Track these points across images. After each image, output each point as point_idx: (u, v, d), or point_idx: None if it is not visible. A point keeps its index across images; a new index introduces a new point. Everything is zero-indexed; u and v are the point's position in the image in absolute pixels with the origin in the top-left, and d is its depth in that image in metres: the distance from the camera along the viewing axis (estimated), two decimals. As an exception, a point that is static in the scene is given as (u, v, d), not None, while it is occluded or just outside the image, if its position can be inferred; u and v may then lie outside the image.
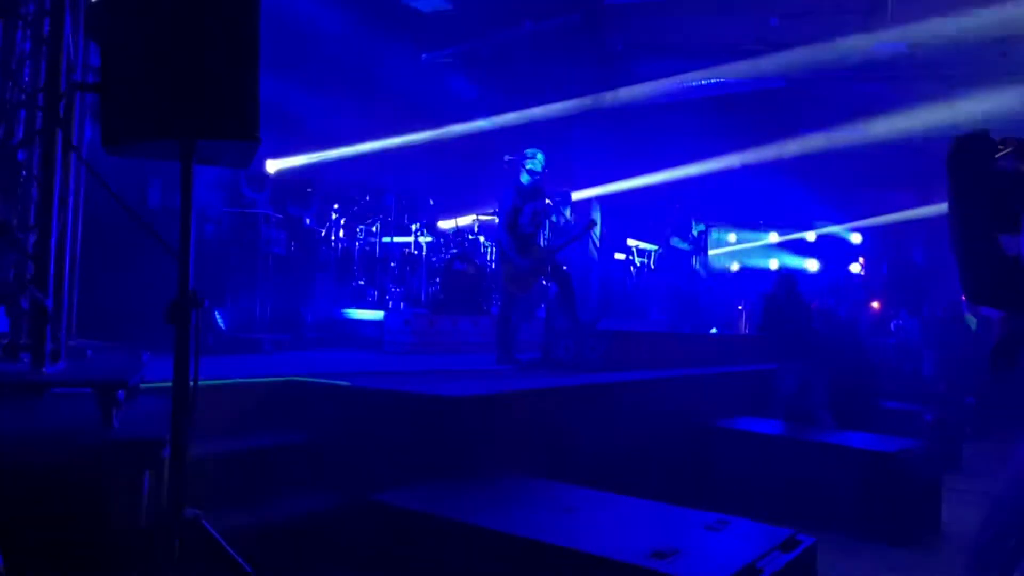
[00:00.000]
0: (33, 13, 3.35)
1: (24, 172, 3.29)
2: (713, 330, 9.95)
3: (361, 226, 9.07)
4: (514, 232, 6.00)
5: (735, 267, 15.83)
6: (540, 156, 6.15)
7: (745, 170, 12.70)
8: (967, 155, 1.46)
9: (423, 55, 10.82)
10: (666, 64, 10.79)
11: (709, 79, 10.86)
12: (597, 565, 2.37)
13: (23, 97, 3.36)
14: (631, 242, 12.97)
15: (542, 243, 6.27)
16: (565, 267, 6.36)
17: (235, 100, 2.14)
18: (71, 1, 3.04)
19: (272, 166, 9.24)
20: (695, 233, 9.93)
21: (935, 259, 13.69)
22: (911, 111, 10.23)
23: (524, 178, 6.14)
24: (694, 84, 11.09)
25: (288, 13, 7.46)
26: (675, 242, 9.74)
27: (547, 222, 6.19)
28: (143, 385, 3.13)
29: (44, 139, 2.91)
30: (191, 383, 2.15)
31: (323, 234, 8.71)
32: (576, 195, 10.83)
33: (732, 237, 15.71)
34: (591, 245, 10.81)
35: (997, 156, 1.47)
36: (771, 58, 9.96)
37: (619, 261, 12.42)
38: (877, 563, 4.26)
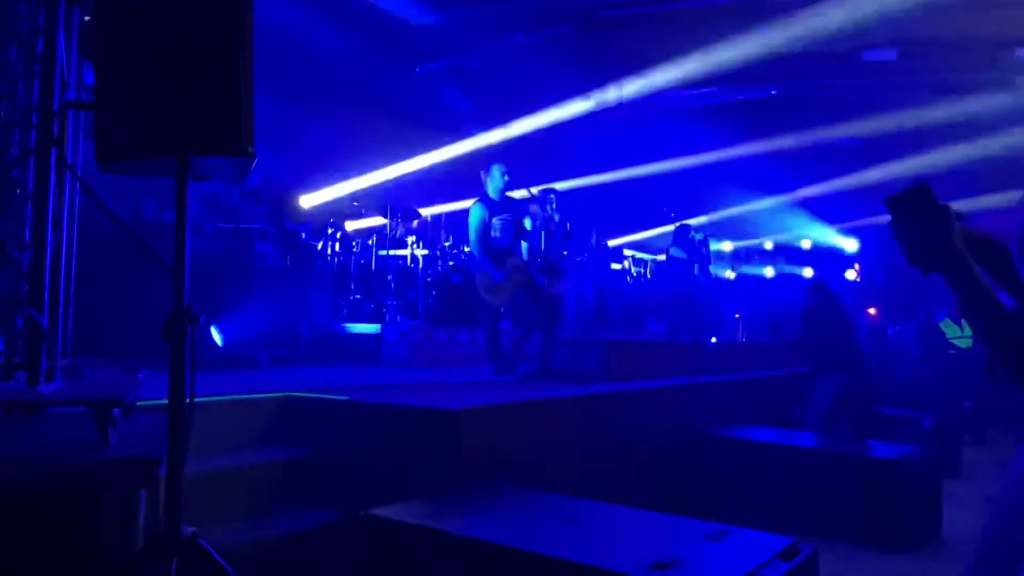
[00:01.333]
0: (26, 32, 3.36)
1: (18, 190, 3.29)
2: (713, 339, 9.95)
3: (357, 239, 9.07)
4: (487, 245, 6.08)
5: (731, 275, 15.85)
6: (501, 169, 6.26)
7: (739, 177, 12.76)
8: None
9: (416, 68, 10.87)
10: (658, 74, 10.85)
11: (701, 88, 10.92)
12: (597, 577, 2.36)
13: (17, 116, 3.36)
14: (628, 251, 13.00)
15: (523, 255, 6.36)
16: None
17: (229, 116, 2.15)
18: (64, 20, 3.05)
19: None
20: (695, 242, 9.95)
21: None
22: (905, 112, 10.31)
23: (491, 191, 6.21)
24: (687, 94, 11.17)
25: (279, 27, 7.48)
26: (674, 251, 9.76)
27: (528, 231, 6.29)
28: (139, 403, 3.11)
29: (38, 157, 2.91)
30: (187, 400, 2.15)
31: (319, 248, 8.71)
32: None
33: (728, 246, 15.75)
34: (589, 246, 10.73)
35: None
36: (763, 66, 10.02)
37: (616, 271, 12.44)
38: (878, 570, 4.25)
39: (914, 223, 1.37)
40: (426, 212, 10.01)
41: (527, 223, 7.51)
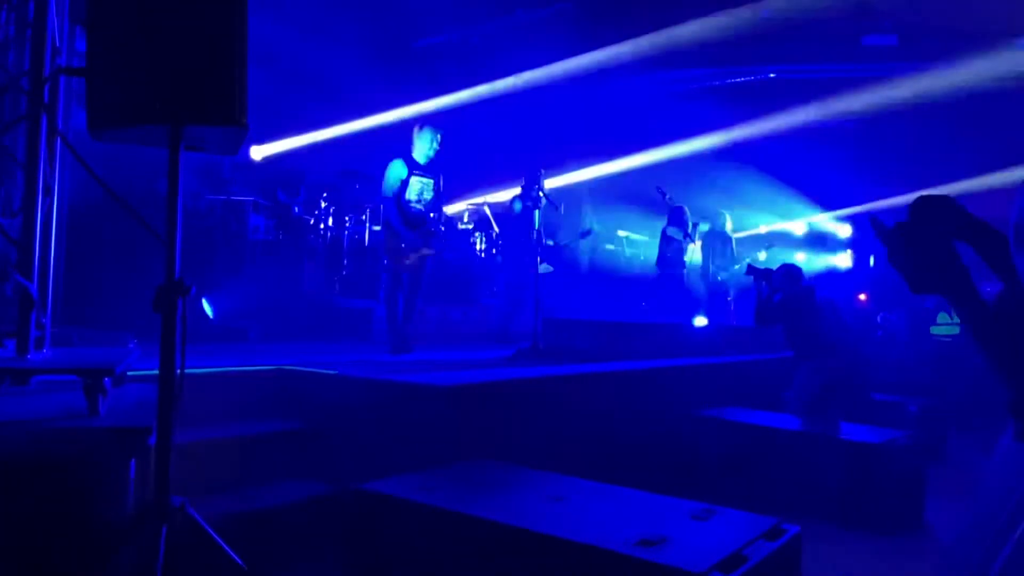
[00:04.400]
0: (17, -4, 3.30)
1: (8, 157, 3.26)
2: (704, 320, 9.98)
3: (350, 215, 9.04)
4: (399, 204, 5.78)
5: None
6: (436, 135, 5.94)
7: (736, 160, 12.73)
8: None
9: (413, 43, 10.76)
10: (659, 54, 10.79)
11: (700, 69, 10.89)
12: (584, 553, 2.38)
13: (7, 81, 3.32)
14: (622, 232, 13.00)
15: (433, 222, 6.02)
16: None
17: (223, 86, 2.12)
18: (56, -16, 3.00)
19: (257, 152, 9.14)
20: (690, 224, 9.93)
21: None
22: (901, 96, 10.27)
23: (417, 154, 5.90)
24: (684, 75, 11.13)
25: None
26: (670, 231, 9.74)
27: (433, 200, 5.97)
28: (130, 373, 3.11)
29: (29, 124, 2.87)
30: (178, 371, 2.15)
31: (312, 222, 8.68)
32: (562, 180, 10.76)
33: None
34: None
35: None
36: (763, 49, 9.99)
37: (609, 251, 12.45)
38: (861, 552, 4.31)
39: (909, 251, 1.38)
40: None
41: (517, 206, 7.34)
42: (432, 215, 5.95)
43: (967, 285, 1.35)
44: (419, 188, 5.83)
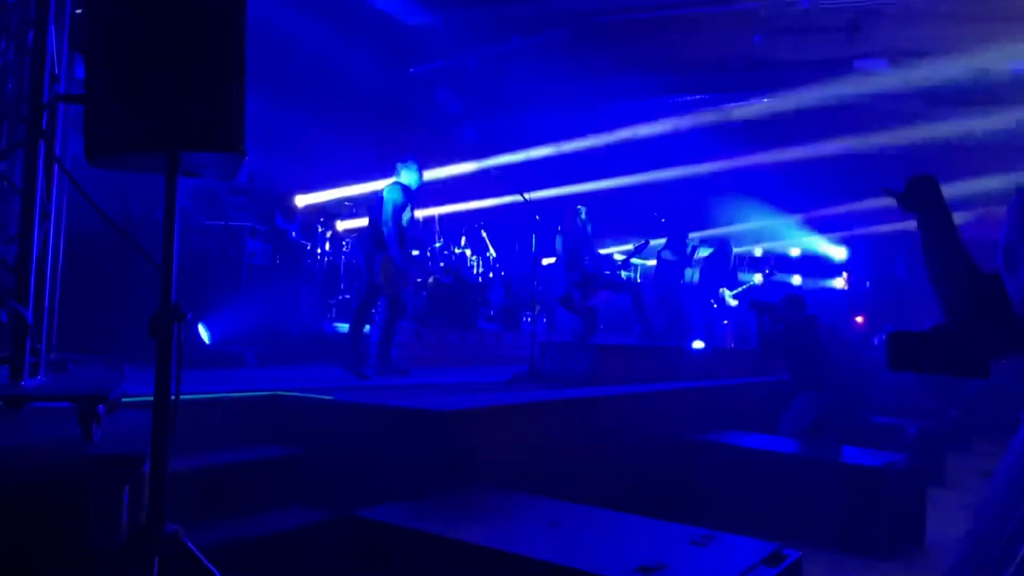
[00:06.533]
0: (17, 24, 3.33)
1: (5, 183, 3.27)
2: (700, 344, 9.97)
3: (347, 239, 9.05)
4: (399, 228, 6.08)
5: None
6: (417, 166, 6.34)
7: (732, 184, 12.80)
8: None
9: (410, 69, 10.86)
10: (653, 81, 10.90)
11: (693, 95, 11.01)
12: (582, 580, 2.36)
13: (6, 108, 3.34)
14: (618, 256, 13.01)
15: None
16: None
17: (220, 112, 2.13)
18: (55, 12, 3.03)
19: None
20: (688, 248, 9.95)
21: (917, 274, 13.75)
22: (894, 125, 10.38)
23: (411, 183, 6.25)
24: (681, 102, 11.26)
25: (271, 26, 7.45)
26: (665, 254, 9.76)
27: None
28: (124, 399, 3.09)
29: (27, 150, 2.89)
30: (173, 397, 2.13)
31: (308, 247, 8.69)
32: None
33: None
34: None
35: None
36: (756, 75, 10.10)
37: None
38: (862, 577, 4.27)
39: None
40: (418, 214, 9.99)
41: (558, 242, 7.58)
42: (424, 251, 6.32)
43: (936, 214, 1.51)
44: (409, 216, 6.20)
